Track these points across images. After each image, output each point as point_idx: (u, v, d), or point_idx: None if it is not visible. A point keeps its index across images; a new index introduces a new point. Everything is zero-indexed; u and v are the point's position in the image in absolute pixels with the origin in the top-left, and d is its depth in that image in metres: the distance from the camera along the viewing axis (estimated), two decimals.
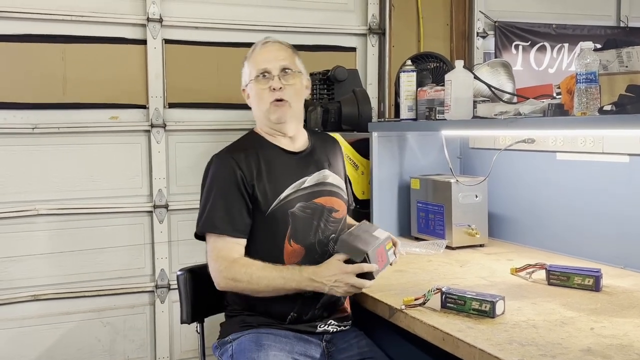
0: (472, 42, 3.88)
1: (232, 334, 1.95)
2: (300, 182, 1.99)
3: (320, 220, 1.98)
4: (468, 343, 1.55)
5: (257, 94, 2.01)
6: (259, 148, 2.01)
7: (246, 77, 2.06)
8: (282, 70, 1.99)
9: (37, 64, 3.06)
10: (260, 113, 2.03)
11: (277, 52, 2.02)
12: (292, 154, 2.04)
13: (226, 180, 1.93)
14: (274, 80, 1.98)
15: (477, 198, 2.68)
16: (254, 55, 2.04)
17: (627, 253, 2.24)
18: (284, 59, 2.02)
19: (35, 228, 3.10)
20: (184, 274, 2.20)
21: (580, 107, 1.82)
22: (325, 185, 2.04)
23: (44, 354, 3.14)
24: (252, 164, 1.95)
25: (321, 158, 2.09)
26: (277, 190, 1.94)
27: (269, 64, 1.99)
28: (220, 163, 1.97)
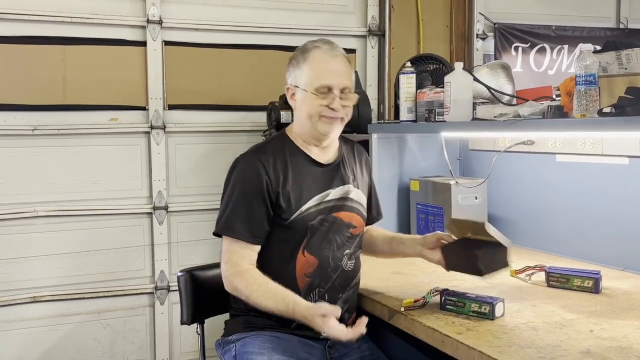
0: (471, 43, 3.88)
1: (236, 333, 1.94)
2: (324, 194, 1.94)
3: (337, 234, 1.95)
4: (467, 345, 1.55)
5: (310, 105, 1.90)
6: (288, 154, 1.95)
7: (300, 80, 1.92)
8: (342, 90, 1.90)
9: (37, 65, 3.06)
10: (307, 121, 1.92)
11: (342, 67, 1.91)
12: (320, 165, 1.98)
13: (251, 183, 1.88)
14: (335, 102, 1.88)
15: (476, 200, 2.68)
16: (318, 62, 1.90)
17: (626, 255, 2.24)
18: (347, 77, 1.92)
19: (34, 229, 3.10)
20: (184, 275, 2.19)
21: (580, 109, 1.81)
22: (347, 200, 1.99)
23: (43, 355, 3.14)
24: (280, 170, 1.90)
25: (347, 172, 2.03)
26: (300, 201, 1.90)
27: (334, 81, 1.89)
28: (247, 165, 1.91)
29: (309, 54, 1.92)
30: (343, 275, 1.95)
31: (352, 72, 1.98)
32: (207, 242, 3.36)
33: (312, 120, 1.91)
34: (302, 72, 1.92)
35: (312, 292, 1.90)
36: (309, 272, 1.90)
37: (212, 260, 2.36)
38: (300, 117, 1.96)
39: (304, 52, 1.94)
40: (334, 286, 1.93)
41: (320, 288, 1.91)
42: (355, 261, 2.01)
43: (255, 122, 3.38)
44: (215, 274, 2.19)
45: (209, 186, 3.37)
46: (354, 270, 2.00)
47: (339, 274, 1.94)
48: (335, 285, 1.93)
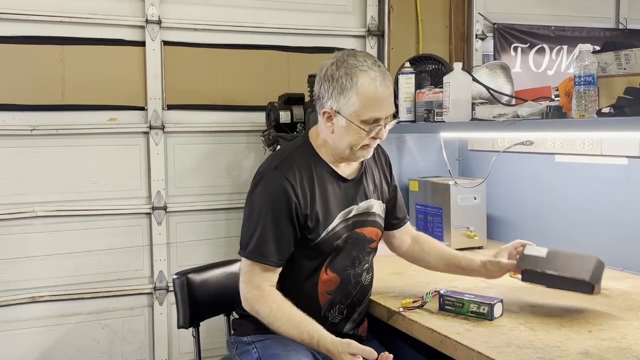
0: (470, 44, 3.88)
1: (250, 335, 1.89)
2: (347, 211, 1.88)
3: (359, 251, 1.91)
4: (466, 346, 1.55)
5: (354, 136, 1.78)
6: (314, 167, 1.85)
7: (345, 109, 1.76)
8: (387, 117, 1.80)
9: (35, 65, 3.06)
10: (346, 148, 1.81)
11: (390, 95, 1.79)
12: (344, 180, 1.90)
13: (279, 204, 1.77)
14: (381, 132, 1.79)
15: (475, 200, 2.68)
16: (369, 93, 1.74)
17: (625, 255, 2.24)
18: (392, 104, 1.82)
19: (33, 230, 3.09)
20: (180, 278, 2.14)
21: (579, 110, 1.82)
22: (369, 215, 1.94)
23: (42, 355, 3.13)
24: (307, 187, 1.81)
25: (369, 184, 1.96)
26: (327, 221, 1.83)
27: (384, 112, 1.78)
28: (274, 183, 1.79)
29: (357, 79, 1.74)
30: (362, 290, 1.93)
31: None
32: (206, 242, 3.36)
33: (352, 149, 1.82)
34: (348, 101, 1.75)
35: (332, 308, 1.88)
36: (331, 290, 1.87)
37: (211, 260, 2.36)
38: (339, 143, 1.82)
39: (350, 75, 1.75)
40: (353, 302, 1.91)
41: (341, 305, 1.89)
42: (372, 273, 1.99)
43: (255, 122, 3.38)
44: (211, 275, 2.18)
45: (208, 186, 3.37)
46: (371, 283, 1.98)
47: (359, 289, 1.92)
48: (354, 301, 1.91)
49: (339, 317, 1.89)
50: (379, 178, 2.03)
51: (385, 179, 2.06)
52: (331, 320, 1.88)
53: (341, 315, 1.90)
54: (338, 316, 1.89)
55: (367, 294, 1.97)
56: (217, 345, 2.97)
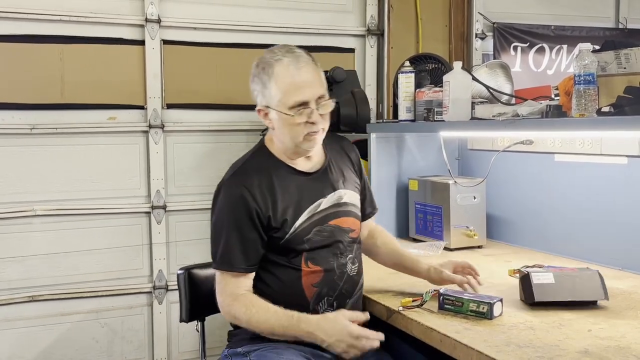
0: (470, 43, 3.88)
1: (244, 345, 1.89)
2: (315, 205, 1.89)
3: (338, 242, 1.91)
4: (465, 345, 1.55)
5: (289, 126, 1.81)
6: (272, 170, 1.87)
7: (271, 100, 1.81)
8: (317, 99, 1.81)
9: (35, 64, 3.06)
10: (290, 141, 1.85)
11: (311, 76, 1.81)
12: (307, 174, 1.91)
13: (240, 213, 1.80)
14: (314, 114, 1.79)
15: (475, 199, 2.68)
16: (286, 77, 1.79)
17: (625, 254, 2.24)
18: (319, 85, 1.82)
19: (32, 229, 3.09)
20: (184, 273, 2.20)
21: (579, 109, 1.82)
22: (340, 205, 1.94)
23: (41, 354, 3.13)
24: (266, 193, 1.83)
25: (336, 176, 1.96)
26: (293, 219, 1.84)
27: (308, 94, 1.79)
28: (232, 192, 1.83)
29: (272, 70, 1.80)
30: (349, 280, 1.93)
31: (322, 75, 1.87)
32: (205, 241, 3.29)
33: (295, 141, 1.84)
34: (271, 92, 1.81)
35: (320, 301, 1.88)
36: (316, 282, 1.87)
37: (210, 259, 2.35)
38: (281, 137, 1.87)
39: (266, 68, 1.82)
40: (341, 293, 1.90)
41: (329, 296, 1.88)
42: (359, 264, 1.98)
43: (254, 121, 3.38)
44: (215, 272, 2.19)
45: (208, 185, 3.35)
46: (359, 274, 1.98)
47: (346, 279, 1.91)
48: (342, 292, 1.91)
49: (329, 310, 1.88)
50: (350, 170, 2.04)
51: (355, 172, 2.07)
52: (321, 313, 1.87)
53: (331, 308, 1.89)
54: (328, 309, 1.88)
55: (356, 285, 1.95)
56: (219, 344, 2.96)
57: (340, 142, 2.11)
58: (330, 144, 2.04)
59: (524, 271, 1.88)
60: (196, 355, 3.33)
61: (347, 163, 2.05)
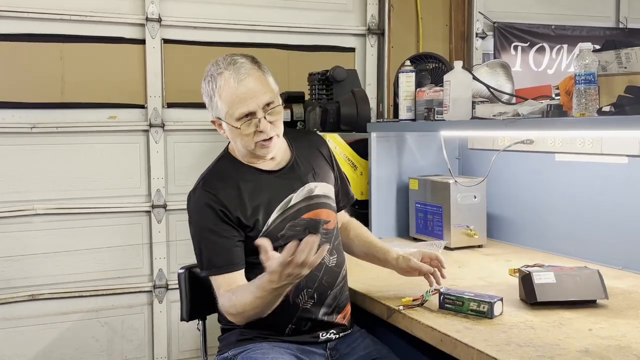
0: (471, 42, 3.88)
1: (231, 349, 1.90)
2: (286, 201, 1.90)
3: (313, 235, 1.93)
4: (466, 344, 1.55)
5: (240, 137, 1.83)
6: (236, 175, 1.89)
7: (220, 113, 1.83)
8: (264, 107, 1.81)
9: (35, 63, 3.06)
10: (244, 150, 1.87)
11: (254, 86, 1.80)
12: (273, 172, 1.92)
13: (209, 216, 1.82)
14: (262, 123, 1.79)
15: (475, 199, 2.68)
16: (228, 90, 1.80)
17: (625, 254, 2.24)
18: (265, 93, 1.81)
19: (33, 227, 3.09)
20: (184, 272, 2.20)
21: (579, 108, 1.81)
22: (312, 199, 1.94)
23: (41, 353, 3.13)
24: (233, 196, 1.84)
25: (305, 170, 1.96)
26: (265, 217, 1.86)
27: (252, 105, 1.79)
28: (198, 200, 1.85)
29: (215, 83, 1.82)
30: (329, 272, 1.92)
31: (268, 81, 1.85)
32: None
33: (249, 149, 1.86)
34: (217, 105, 1.83)
35: (300, 293, 1.87)
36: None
37: None
38: (236, 146, 1.90)
39: (210, 81, 1.84)
40: (321, 284, 1.90)
41: (308, 288, 1.88)
42: (338, 255, 1.98)
43: None
44: None
45: None
46: (338, 265, 1.97)
47: (324, 271, 1.91)
48: (322, 283, 1.91)
49: (311, 302, 1.88)
50: (321, 162, 2.04)
51: (328, 164, 2.07)
52: (302, 305, 1.87)
53: (312, 300, 1.88)
54: (309, 301, 1.88)
55: (337, 276, 1.94)
56: None
57: (308, 137, 2.12)
58: (298, 140, 2.04)
59: (524, 271, 1.88)
60: (196, 355, 3.33)
61: (317, 157, 2.05)
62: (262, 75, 1.84)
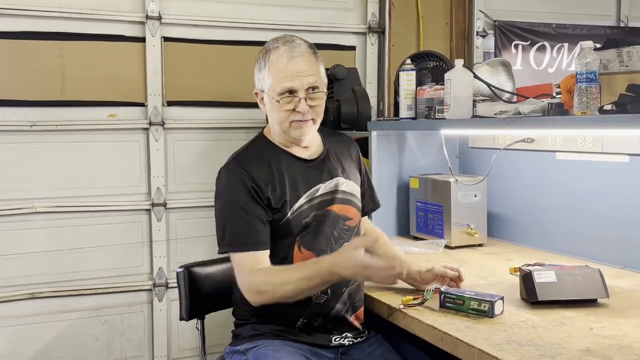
0: (471, 41, 3.87)
1: (244, 343, 1.90)
2: (313, 190, 1.92)
3: (333, 228, 1.93)
4: (467, 343, 1.55)
5: (277, 112, 1.87)
6: (270, 156, 1.92)
7: (264, 85, 1.89)
8: (308, 89, 1.86)
9: (35, 61, 3.05)
10: (279, 126, 1.91)
11: (304, 66, 1.85)
12: (305, 161, 1.96)
13: (240, 192, 1.83)
14: (301, 104, 1.84)
15: (476, 197, 2.68)
16: (277, 65, 1.85)
17: (626, 253, 2.24)
18: (312, 75, 1.86)
19: (32, 226, 3.08)
20: (183, 271, 2.19)
21: (580, 107, 1.81)
22: (338, 193, 1.96)
23: (40, 352, 3.13)
24: (264, 175, 1.87)
25: (335, 165, 2.00)
26: (291, 201, 1.87)
27: (297, 83, 1.84)
28: (231, 175, 1.87)
29: (268, 56, 1.87)
30: None
31: (319, 68, 1.91)
32: (205, 239, 3.35)
33: (282, 127, 1.90)
34: (265, 77, 1.88)
35: None
36: None
37: (210, 257, 2.35)
38: (272, 122, 1.95)
39: (265, 53, 1.89)
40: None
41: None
42: None
43: (254, 118, 3.37)
44: (215, 270, 2.21)
45: (208, 183, 3.35)
46: None
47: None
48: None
49: (324, 297, 1.88)
50: (349, 163, 2.07)
51: (356, 166, 2.11)
52: (316, 300, 1.88)
53: (326, 296, 1.88)
54: (322, 296, 1.88)
55: None
56: (219, 342, 2.97)
57: (340, 137, 2.17)
58: (331, 137, 2.09)
59: (525, 270, 1.87)
60: (196, 353, 3.32)
61: (347, 157, 2.09)
62: (314, 60, 1.90)
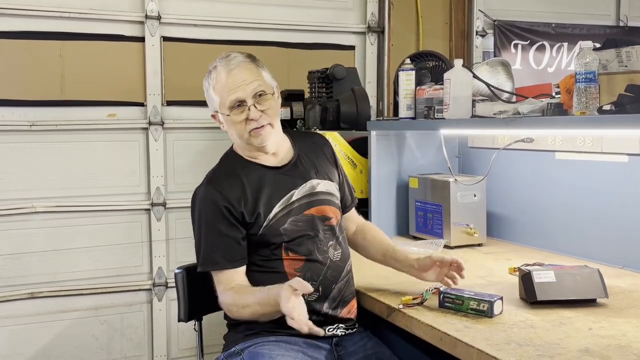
0: (471, 41, 3.87)
1: (238, 343, 1.90)
2: (288, 197, 1.93)
3: (315, 230, 1.94)
4: (466, 343, 1.55)
5: (233, 125, 1.91)
6: (240, 171, 1.94)
7: (215, 104, 1.94)
8: (255, 96, 1.89)
9: (34, 61, 3.05)
10: (240, 140, 1.94)
11: (243, 76, 1.88)
12: (276, 169, 1.97)
13: (214, 213, 1.87)
14: (251, 111, 1.87)
15: (475, 197, 2.68)
16: (220, 80, 1.90)
17: (625, 253, 2.23)
18: (253, 81, 1.89)
19: (32, 225, 3.09)
20: (182, 272, 2.19)
21: (580, 107, 1.81)
22: (314, 195, 1.97)
23: (40, 351, 3.13)
24: (237, 190, 1.89)
25: (307, 167, 2.01)
26: (266, 212, 1.89)
27: (241, 93, 1.87)
28: (204, 196, 1.91)
29: (210, 77, 1.94)
30: (333, 266, 1.95)
31: (261, 74, 1.93)
32: None
33: (243, 139, 1.92)
34: (212, 97, 1.94)
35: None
36: (298, 268, 1.90)
37: None
38: (234, 138, 1.97)
39: (208, 75, 1.96)
40: (326, 277, 1.92)
41: (313, 281, 1.88)
42: (342, 249, 2.00)
43: None
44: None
45: None
46: (343, 259, 1.99)
47: (329, 265, 1.93)
48: (327, 277, 1.92)
49: (315, 295, 1.89)
50: (324, 162, 2.08)
51: (331, 164, 2.11)
52: (307, 298, 1.86)
53: (317, 293, 1.90)
54: (313, 294, 1.88)
55: (341, 270, 1.96)
56: (218, 342, 2.96)
57: (311, 137, 2.18)
58: (301, 140, 2.09)
59: (524, 269, 1.88)
60: (195, 353, 3.31)
61: (320, 156, 2.09)
62: (253, 67, 1.92)
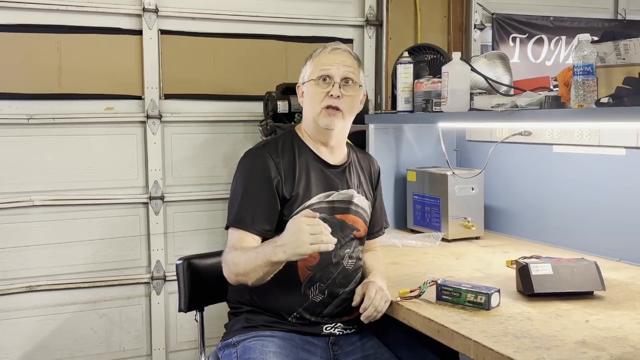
0: (469, 34, 3.87)
1: (236, 335, 1.91)
2: (327, 194, 1.95)
3: (339, 234, 1.93)
4: (463, 335, 1.56)
5: (312, 96, 1.96)
6: (297, 150, 1.97)
7: (305, 75, 2.01)
8: (343, 79, 1.95)
9: (32, 54, 3.04)
10: (310, 115, 1.97)
11: (343, 59, 1.97)
12: (327, 165, 1.99)
13: (261, 175, 1.89)
14: (334, 88, 1.93)
15: (473, 190, 2.68)
16: (320, 56, 1.99)
17: (623, 246, 2.24)
18: (349, 67, 1.96)
19: (30, 219, 3.09)
20: (183, 262, 2.20)
21: (577, 100, 1.81)
22: (350, 203, 2.00)
23: (39, 345, 3.13)
24: (289, 166, 1.92)
25: (353, 178, 2.04)
26: (304, 198, 1.90)
27: (333, 69, 1.94)
28: (256, 158, 1.93)
29: (315, 52, 2.01)
30: (344, 272, 1.94)
31: (358, 67, 2.00)
32: (203, 232, 3.36)
33: (314, 114, 1.95)
34: (306, 69, 2.00)
35: (312, 285, 1.89)
36: (311, 266, 1.89)
37: (207, 249, 2.36)
38: (305, 112, 2.01)
39: (311, 53, 2.03)
40: (334, 282, 1.92)
41: (321, 283, 1.90)
42: (357, 261, 2.00)
43: (252, 112, 3.37)
44: (214, 262, 2.21)
45: (205, 176, 3.36)
46: (355, 270, 1.99)
47: (340, 270, 1.93)
48: (336, 282, 1.92)
49: (320, 297, 1.90)
50: (367, 181, 2.11)
51: (371, 184, 2.13)
52: (312, 298, 1.89)
53: (322, 295, 1.90)
54: (319, 295, 1.89)
55: (351, 279, 1.96)
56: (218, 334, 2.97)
57: (368, 157, 2.21)
58: (358, 153, 2.15)
59: (522, 262, 1.88)
60: (193, 346, 3.33)
61: (366, 174, 2.12)
62: (355, 61, 2.00)
